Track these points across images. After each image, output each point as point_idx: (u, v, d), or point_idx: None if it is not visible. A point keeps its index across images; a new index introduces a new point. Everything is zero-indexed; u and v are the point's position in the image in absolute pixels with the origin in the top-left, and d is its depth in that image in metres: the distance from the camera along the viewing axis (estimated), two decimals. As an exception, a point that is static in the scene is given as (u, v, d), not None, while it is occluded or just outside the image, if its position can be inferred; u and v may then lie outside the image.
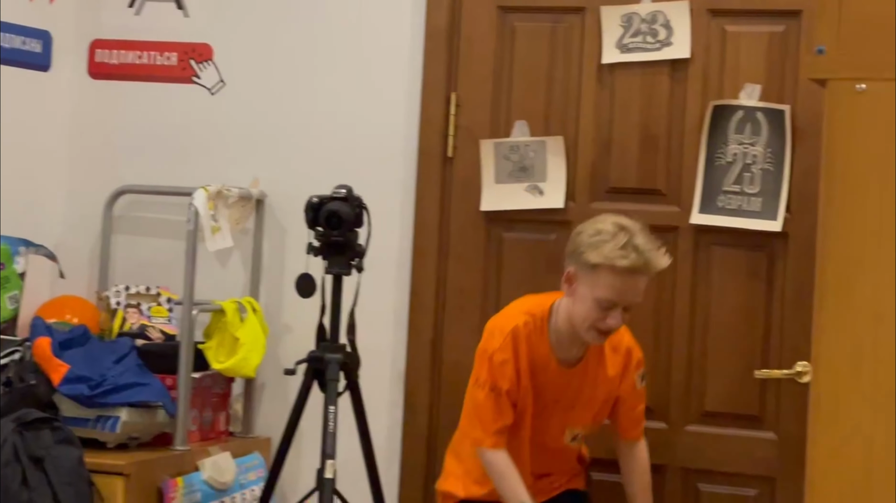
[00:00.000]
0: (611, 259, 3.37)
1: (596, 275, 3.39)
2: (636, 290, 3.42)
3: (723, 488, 3.86)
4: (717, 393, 3.86)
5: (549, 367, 3.55)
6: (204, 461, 3.84)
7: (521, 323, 3.52)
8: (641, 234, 3.43)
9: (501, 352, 3.50)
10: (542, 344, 3.54)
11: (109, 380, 3.67)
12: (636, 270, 3.38)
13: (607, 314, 3.41)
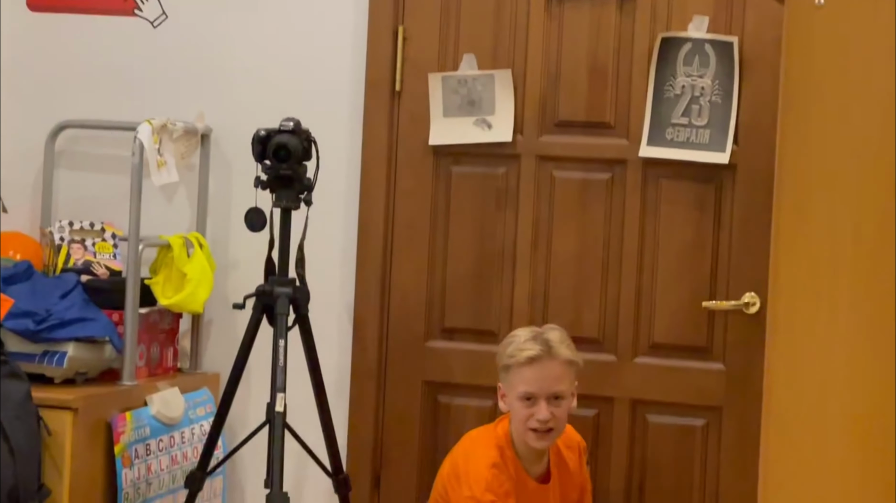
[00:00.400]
0: (514, 355, 3.49)
1: (509, 376, 3.51)
2: (551, 378, 3.47)
3: (671, 419, 3.89)
4: (665, 325, 3.88)
5: (528, 488, 3.56)
6: (152, 396, 3.82)
7: (496, 459, 3.51)
8: (553, 330, 3.54)
9: (490, 496, 3.45)
10: (517, 469, 3.55)
11: (55, 314, 3.64)
12: (539, 358, 3.46)
13: (534, 409, 3.46)
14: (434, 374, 4.06)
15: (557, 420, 3.49)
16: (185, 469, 3.83)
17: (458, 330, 4.05)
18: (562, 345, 3.50)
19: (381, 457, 4.08)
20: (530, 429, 3.48)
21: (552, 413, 3.47)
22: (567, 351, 3.50)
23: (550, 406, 3.46)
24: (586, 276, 3.93)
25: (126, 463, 3.68)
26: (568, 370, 3.51)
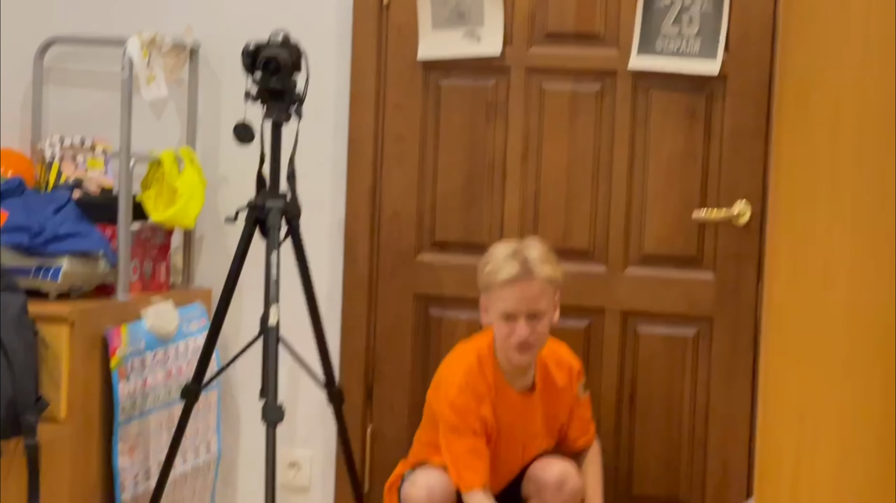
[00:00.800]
0: (493, 274, 3.52)
1: (490, 294, 3.56)
2: (530, 297, 3.51)
3: (662, 329, 3.92)
4: (655, 236, 3.90)
5: (510, 398, 3.61)
6: (147, 310, 3.84)
7: (472, 365, 3.60)
8: (533, 248, 3.56)
9: (462, 398, 3.56)
10: (497, 378, 3.61)
11: (49, 229, 3.64)
12: (517, 279, 3.50)
13: (514, 326, 3.51)
14: (425, 287, 4.08)
15: (538, 335, 3.54)
16: (181, 382, 3.86)
17: (448, 243, 4.07)
18: (541, 263, 3.52)
19: (374, 369, 4.11)
20: (514, 345, 3.52)
21: (532, 329, 3.50)
22: (546, 268, 3.52)
23: (530, 323, 3.50)
24: (576, 188, 3.94)
25: (122, 376, 3.70)
26: (547, 288, 3.54)
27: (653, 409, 3.92)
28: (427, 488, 3.56)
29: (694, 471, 3.90)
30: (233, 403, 4.19)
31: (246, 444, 4.18)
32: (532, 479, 3.60)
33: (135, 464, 3.77)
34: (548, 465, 3.60)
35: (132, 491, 3.76)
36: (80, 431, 3.60)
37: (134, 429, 3.76)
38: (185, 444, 3.90)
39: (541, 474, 3.59)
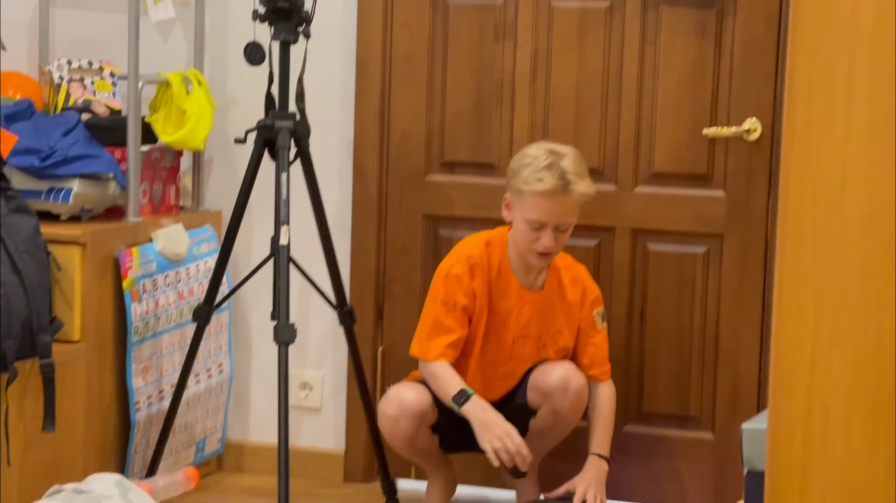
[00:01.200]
0: (530, 182, 3.49)
1: (521, 198, 3.52)
2: (562, 212, 3.51)
3: (672, 247, 3.93)
4: (665, 153, 3.90)
5: (510, 289, 3.62)
6: (157, 232, 3.85)
7: (480, 244, 3.62)
8: (570, 158, 3.52)
9: (457, 268, 3.57)
10: (503, 267, 3.61)
11: (59, 151, 3.64)
12: (555, 193, 3.47)
13: (539, 234, 3.51)
14: (434, 208, 4.09)
15: (558, 245, 3.55)
16: (192, 304, 3.88)
17: (457, 163, 4.07)
18: (578, 178, 3.51)
19: (384, 290, 4.13)
20: (534, 251, 3.53)
21: (556, 240, 3.51)
22: (582, 185, 3.52)
23: (555, 234, 3.51)
24: (586, 107, 3.93)
25: (134, 297, 3.72)
26: (579, 202, 3.55)
27: (663, 327, 3.94)
28: (398, 404, 3.57)
29: (704, 388, 3.92)
30: (244, 325, 4.21)
31: (258, 365, 4.20)
32: (535, 388, 3.61)
33: (148, 384, 3.80)
34: (548, 370, 3.61)
35: (146, 410, 3.79)
36: (94, 352, 3.63)
37: (147, 350, 3.78)
38: (198, 365, 3.93)
39: (543, 380, 3.60)
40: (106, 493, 3.08)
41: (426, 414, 3.58)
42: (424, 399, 3.58)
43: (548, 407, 3.59)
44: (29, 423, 3.40)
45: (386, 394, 3.64)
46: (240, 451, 4.22)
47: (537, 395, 3.61)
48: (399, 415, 3.56)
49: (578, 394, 3.59)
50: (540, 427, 3.63)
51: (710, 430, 3.92)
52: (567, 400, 3.57)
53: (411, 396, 3.57)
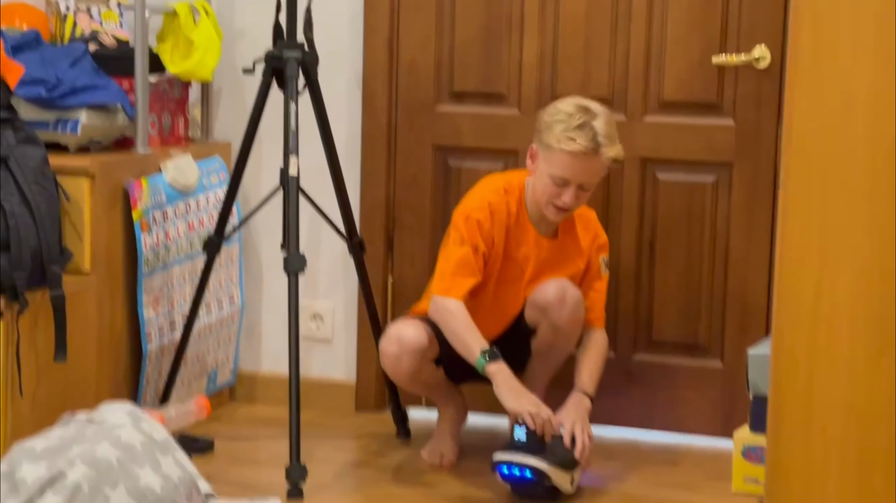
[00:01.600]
0: (561, 140, 3.48)
1: (550, 154, 3.51)
2: (588, 172, 3.51)
3: (681, 176, 3.92)
4: (675, 82, 3.88)
5: (527, 236, 3.62)
6: (166, 163, 3.85)
7: (499, 190, 3.62)
8: (602, 119, 3.51)
9: (480, 212, 3.57)
10: (521, 212, 3.61)
11: (66, 82, 3.63)
12: (585, 154, 3.47)
13: (562, 191, 3.51)
14: (444, 138, 4.08)
15: (577, 203, 3.57)
16: (202, 235, 3.88)
17: (466, 93, 4.05)
18: (609, 142, 3.51)
19: (394, 220, 4.13)
20: (553, 205, 3.54)
21: (577, 198, 3.53)
22: (613, 149, 3.52)
23: (577, 192, 3.52)
24: (595, 35, 3.91)
25: (144, 228, 3.73)
26: (606, 165, 3.55)
27: (672, 256, 3.94)
28: (397, 342, 3.58)
29: (713, 316, 3.93)
30: (255, 256, 4.22)
31: (269, 297, 4.22)
32: (533, 304, 3.61)
33: (160, 315, 3.82)
34: (544, 286, 3.61)
35: (158, 341, 3.81)
36: (104, 283, 3.64)
37: (158, 281, 3.80)
38: (209, 297, 3.95)
39: (540, 296, 3.60)
40: (118, 422, 3.10)
41: (427, 349, 3.60)
42: (423, 335, 3.59)
43: (547, 322, 3.60)
44: (41, 354, 3.42)
45: (385, 334, 3.65)
46: (252, 382, 4.25)
47: (535, 312, 3.61)
48: (399, 352, 3.57)
49: (576, 305, 3.59)
50: (541, 346, 3.65)
51: (718, 358, 3.93)
52: (565, 311, 3.58)
53: (410, 333, 3.58)
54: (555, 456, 3.41)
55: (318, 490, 3.50)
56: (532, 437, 3.40)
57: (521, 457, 3.39)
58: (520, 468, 3.39)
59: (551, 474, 3.39)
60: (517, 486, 3.46)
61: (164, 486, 2.99)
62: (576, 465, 3.47)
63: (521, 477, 3.40)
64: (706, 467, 3.73)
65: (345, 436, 3.96)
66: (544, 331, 3.62)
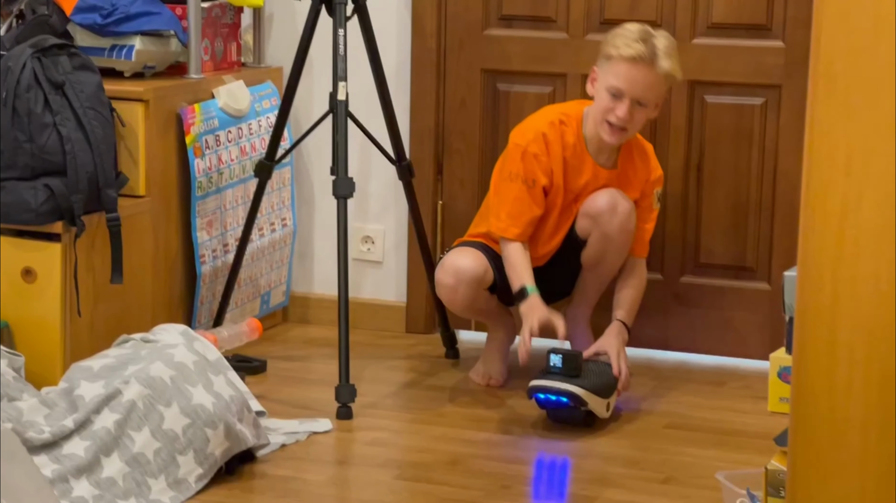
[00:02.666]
0: (619, 48, 3.53)
1: (608, 65, 3.55)
2: (644, 84, 3.53)
3: (730, 98, 3.93)
4: (724, 3, 3.86)
5: (585, 166, 3.65)
6: (219, 89, 3.91)
7: (555, 121, 3.64)
8: (664, 39, 3.56)
9: (535, 145, 3.60)
10: (578, 143, 3.64)
11: (121, 8, 3.70)
12: (642, 60, 3.51)
13: (617, 105, 3.53)
14: (492, 62, 4.10)
15: (633, 123, 3.58)
16: (254, 159, 3.95)
17: (515, 17, 4.07)
18: (667, 56, 3.54)
19: (443, 144, 4.17)
20: (606, 121, 3.57)
21: (632, 115, 3.54)
22: (669, 63, 3.55)
23: (632, 108, 3.54)
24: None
25: (197, 153, 3.80)
26: (663, 82, 3.58)
27: (720, 178, 3.96)
28: (454, 273, 3.62)
29: (761, 239, 3.95)
30: (307, 180, 4.29)
31: (321, 220, 4.28)
32: (584, 214, 3.65)
33: (213, 237, 3.90)
34: (596, 196, 3.64)
35: (211, 263, 3.90)
36: (159, 206, 3.72)
37: (211, 205, 3.88)
38: (262, 220, 4.02)
39: (591, 205, 3.63)
40: (172, 342, 3.20)
41: (483, 278, 3.65)
42: (480, 263, 3.64)
43: (598, 232, 3.63)
44: (98, 276, 3.51)
45: (441, 263, 3.69)
46: (304, 303, 4.32)
47: (587, 221, 3.64)
48: (456, 283, 3.63)
49: (627, 215, 3.63)
50: (591, 256, 3.68)
51: (766, 281, 3.96)
52: (616, 220, 3.61)
53: (466, 263, 3.63)
54: (590, 381, 3.46)
55: (368, 409, 3.58)
56: (568, 363, 3.45)
57: (557, 383, 3.44)
58: (556, 394, 3.45)
59: (587, 399, 3.44)
60: (553, 412, 3.52)
61: (216, 404, 3.09)
62: (612, 391, 3.52)
63: (558, 402, 3.46)
64: (753, 388, 3.77)
65: (395, 357, 4.04)
66: (595, 241, 3.66)
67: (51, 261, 3.42)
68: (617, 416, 3.57)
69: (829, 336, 1.93)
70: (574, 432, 3.48)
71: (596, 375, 3.49)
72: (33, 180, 3.40)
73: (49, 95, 3.39)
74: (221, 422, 3.06)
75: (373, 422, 3.52)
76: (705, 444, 3.41)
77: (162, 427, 3.01)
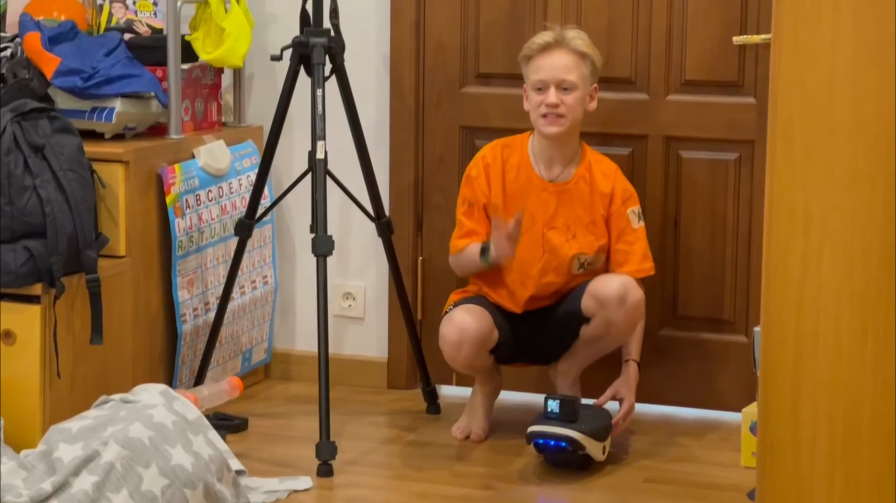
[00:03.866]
0: (530, 45, 3.71)
1: (528, 69, 3.72)
2: (561, 66, 3.67)
3: (704, 153, 3.97)
4: (696, 61, 3.93)
5: (531, 186, 3.74)
6: (199, 149, 3.95)
7: (497, 146, 3.81)
8: (573, 30, 3.73)
9: (475, 169, 3.77)
10: (523, 164, 3.76)
11: (101, 71, 3.73)
12: (552, 45, 3.68)
13: (544, 96, 3.67)
14: (470, 119, 4.15)
15: (568, 108, 3.67)
16: (235, 218, 3.98)
17: (492, 75, 4.12)
18: (577, 37, 3.70)
19: (423, 200, 4.21)
20: (541, 115, 3.68)
21: (561, 100, 3.64)
22: (579, 41, 3.70)
23: (559, 93, 3.65)
24: (618, 16, 3.97)
25: (178, 213, 3.83)
26: (579, 62, 3.68)
27: (696, 232, 4.00)
28: (460, 330, 3.65)
29: (738, 292, 3.98)
30: (288, 237, 4.32)
31: (302, 276, 4.31)
32: (593, 295, 3.68)
33: (194, 296, 3.92)
34: (607, 279, 3.69)
35: (192, 322, 3.92)
36: (139, 266, 3.75)
37: (192, 264, 3.90)
38: (242, 277, 4.04)
39: (601, 288, 3.67)
40: (151, 402, 3.21)
41: (488, 338, 3.68)
42: (486, 324, 3.67)
43: (602, 316, 3.67)
44: (78, 337, 3.53)
45: (448, 317, 3.71)
46: (286, 360, 4.34)
47: (593, 303, 3.68)
48: (461, 340, 3.65)
49: (635, 306, 3.67)
50: (590, 335, 3.72)
51: (743, 334, 3.98)
52: (623, 312, 3.65)
53: (473, 323, 3.65)
54: (588, 425, 3.52)
55: (349, 465, 3.60)
56: (565, 408, 3.51)
57: (555, 428, 3.50)
58: (554, 439, 3.50)
59: (585, 443, 3.49)
60: (551, 456, 3.57)
61: (195, 464, 3.10)
62: (608, 434, 3.57)
63: (556, 446, 3.51)
64: (731, 441, 3.79)
65: (376, 413, 4.05)
66: (598, 324, 3.70)
67: (30, 324, 3.44)
68: (599, 469, 3.58)
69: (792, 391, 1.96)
70: (553, 486, 3.50)
71: (592, 419, 3.56)
72: (13, 242, 3.43)
73: (29, 158, 3.43)
74: (200, 482, 3.07)
75: (353, 479, 3.53)
76: (683, 499, 3.43)
77: (140, 488, 3.02)
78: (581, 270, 3.75)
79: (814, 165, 1.92)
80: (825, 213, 1.93)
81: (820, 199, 1.93)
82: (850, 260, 1.90)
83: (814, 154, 1.92)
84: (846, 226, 1.91)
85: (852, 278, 1.90)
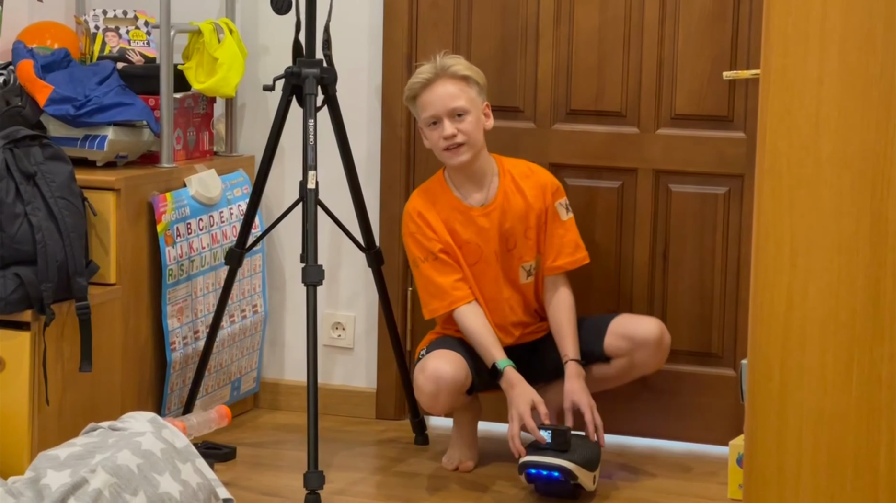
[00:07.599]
0: (412, 85, 3.73)
1: (416, 108, 3.75)
2: (446, 95, 3.70)
3: (693, 187, 3.99)
4: (686, 95, 3.95)
5: (463, 216, 3.76)
6: (191, 178, 3.96)
7: (418, 195, 3.81)
8: (451, 57, 3.76)
9: (412, 225, 3.76)
10: (448, 200, 3.77)
11: (94, 100, 3.75)
12: (431, 79, 3.70)
13: (439, 129, 3.69)
14: (462, 151, 4.16)
15: (466, 134, 3.69)
16: (225, 247, 3.99)
17: (484, 107, 4.14)
18: (455, 64, 3.71)
19: (414, 232, 4.22)
20: (444, 149, 3.70)
21: (457, 129, 3.67)
22: (459, 66, 3.71)
23: (454, 123, 3.66)
24: (608, 50, 3.99)
25: (169, 241, 3.84)
26: (464, 86, 3.70)
27: (685, 266, 4.01)
28: (435, 380, 3.63)
29: (726, 324, 3.99)
30: (279, 267, 4.33)
31: (292, 306, 4.32)
32: (625, 336, 3.70)
33: (184, 325, 3.93)
34: (640, 321, 3.72)
35: (182, 350, 3.92)
36: (129, 294, 3.75)
37: (182, 292, 3.91)
38: (232, 306, 4.05)
39: (635, 329, 3.69)
40: (140, 430, 3.21)
41: (463, 384, 3.68)
42: (460, 369, 3.66)
43: (633, 357, 3.70)
44: (67, 364, 3.53)
45: (421, 366, 3.69)
46: (275, 390, 4.35)
47: (625, 344, 3.70)
48: (437, 391, 3.64)
49: (667, 350, 3.73)
50: (611, 374, 3.76)
51: (731, 368, 4.00)
52: (660, 353, 3.71)
53: (447, 370, 3.64)
54: (579, 455, 3.53)
55: (336, 496, 3.60)
56: (557, 438, 3.52)
57: (548, 459, 3.52)
58: (547, 468, 3.50)
59: (577, 473, 3.51)
60: (543, 486, 3.58)
61: (183, 492, 3.10)
62: (598, 464, 3.58)
63: (549, 476, 3.52)
64: (719, 475, 3.79)
65: (364, 443, 4.06)
66: (623, 364, 3.73)
67: (20, 350, 3.44)
68: (587, 499, 3.59)
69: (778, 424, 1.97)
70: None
71: (583, 449, 3.57)
72: (4, 269, 3.43)
73: (20, 185, 3.44)
74: (188, 509, 3.07)
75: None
76: (670, 531, 3.44)
77: (128, 515, 3.01)
78: (529, 278, 3.79)
79: (800, 200, 1.94)
80: (810, 249, 1.94)
81: (806, 233, 1.95)
82: (836, 294, 1.91)
83: (800, 188, 1.94)
84: (832, 260, 1.92)
85: (838, 312, 1.91)
